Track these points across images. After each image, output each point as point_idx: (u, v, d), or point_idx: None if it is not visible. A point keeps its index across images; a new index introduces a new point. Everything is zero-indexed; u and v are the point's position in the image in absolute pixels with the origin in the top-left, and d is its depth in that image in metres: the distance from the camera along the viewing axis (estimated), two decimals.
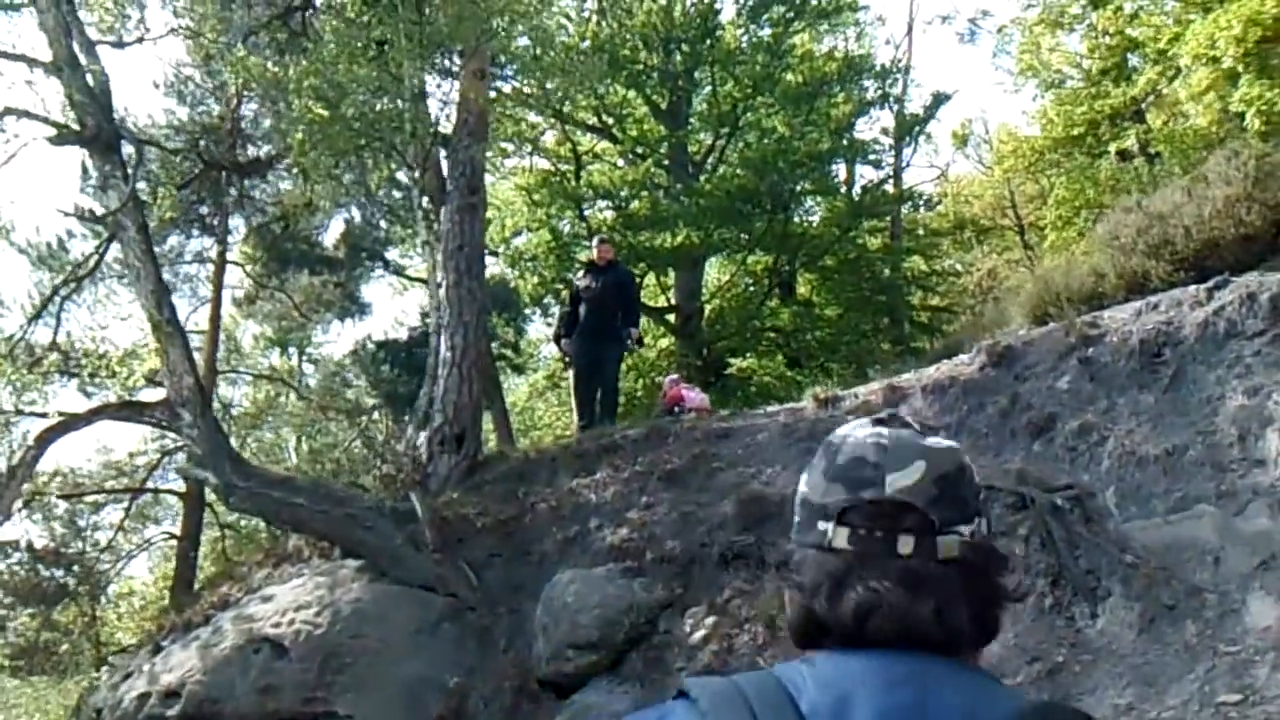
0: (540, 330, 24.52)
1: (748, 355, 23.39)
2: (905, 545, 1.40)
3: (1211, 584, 7.38)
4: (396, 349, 20.34)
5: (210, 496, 17.50)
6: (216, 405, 14.79)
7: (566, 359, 13.57)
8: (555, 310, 21.02)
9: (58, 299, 14.72)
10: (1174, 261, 10.41)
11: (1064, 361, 9.56)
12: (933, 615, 1.38)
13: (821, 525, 1.45)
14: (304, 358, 23.76)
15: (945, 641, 1.39)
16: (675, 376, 14.42)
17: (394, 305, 30.42)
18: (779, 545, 9.17)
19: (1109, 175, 20.78)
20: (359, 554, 10.61)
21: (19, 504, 13.64)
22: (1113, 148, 21.66)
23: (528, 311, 22.86)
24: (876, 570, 1.39)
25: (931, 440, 1.48)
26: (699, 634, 9.02)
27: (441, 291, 11.76)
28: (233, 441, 14.54)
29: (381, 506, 11.03)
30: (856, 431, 1.50)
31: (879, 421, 1.52)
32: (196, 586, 14.90)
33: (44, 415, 13.25)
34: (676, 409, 12.75)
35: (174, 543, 19.51)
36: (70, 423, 12.57)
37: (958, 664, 1.40)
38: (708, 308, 22.95)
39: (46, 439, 12.34)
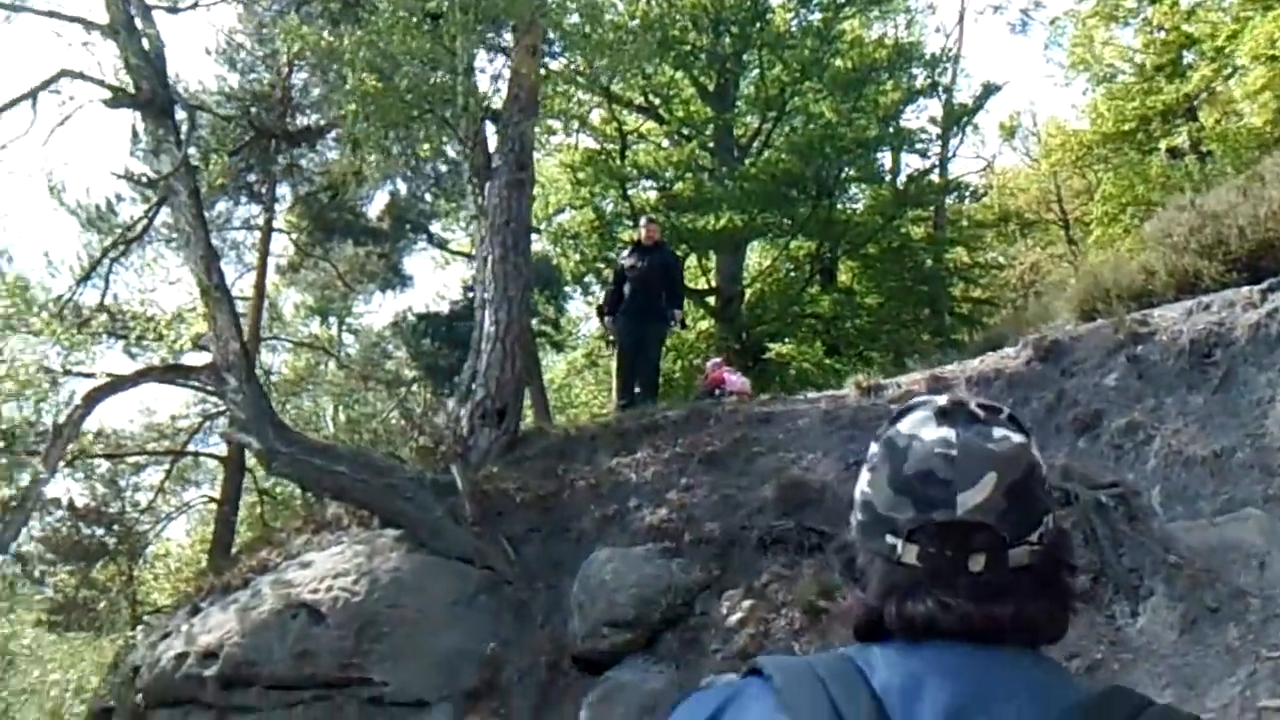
0: (580, 308, 24.57)
1: (787, 341, 23.32)
2: (976, 563, 1.39)
3: (1256, 588, 7.33)
4: (437, 322, 20.41)
5: (250, 462, 17.70)
6: (258, 371, 14.86)
7: (610, 338, 13.59)
8: (596, 289, 21.07)
9: (106, 261, 14.86)
10: (1227, 262, 10.28)
11: (1112, 358, 9.50)
12: (1007, 619, 1.38)
13: (890, 539, 1.43)
14: (344, 328, 23.90)
15: (1016, 641, 1.40)
16: (718, 360, 14.41)
17: (436, 278, 30.34)
18: (819, 531, 9.20)
19: (1159, 172, 20.60)
20: (398, 524, 10.68)
21: (63, 462, 13.78)
22: (1163, 144, 21.47)
23: (569, 289, 22.86)
24: (947, 585, 1.39)
25: (1000, 442, 1.45)
26: (735, 617, 9.03)
27: (487, 266, 11.79)
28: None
29: (421, 478, 11.11)
30: (922, 433, 1.46)
31: (943, 415, 1.47)
32: (234, 551, 15.04)
33: (91, 376, 13.37)
34: (717, 392, 12.75)
35: (213, 506, 19.71)
36: (117, 383, 12.71)
37: (1028, 653, 1.41)
38: (748, 292, 22.88)
39: (93, 399, 12.49)
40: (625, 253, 13.79)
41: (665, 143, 23.06)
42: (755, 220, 20.46)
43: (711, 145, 22.25)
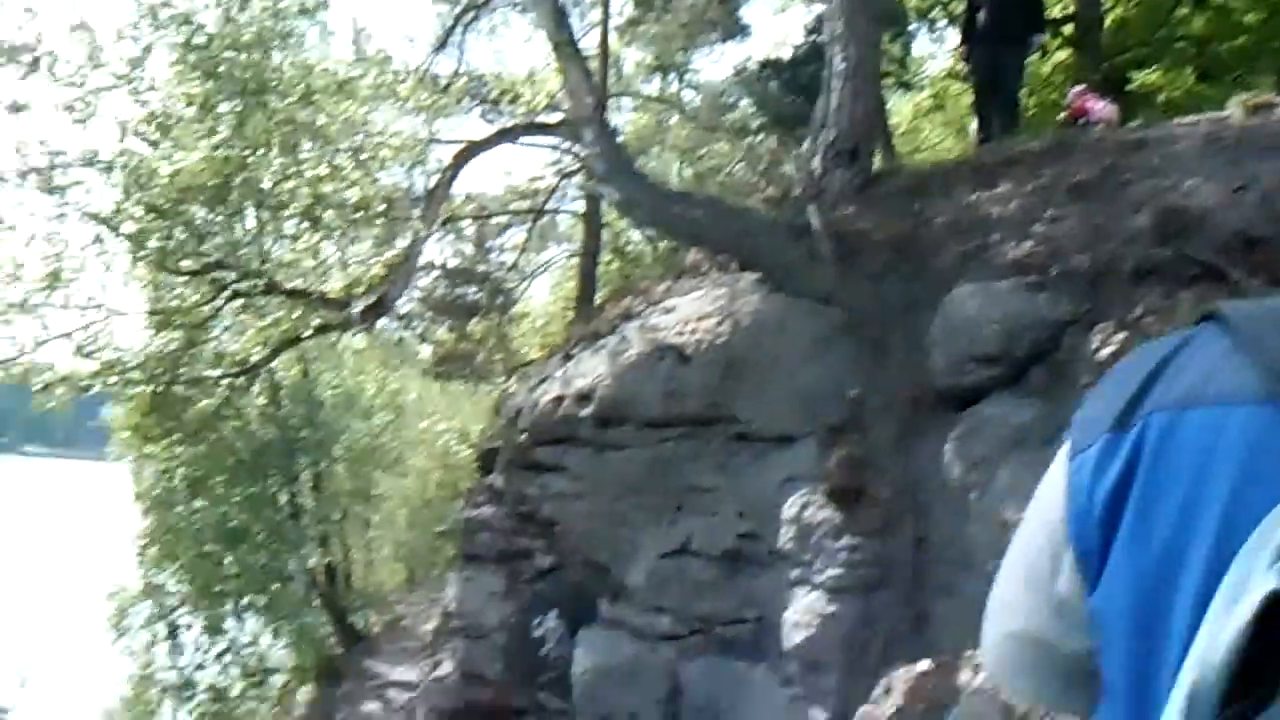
0: (925, 46, 23.49)
1: (1153, 68, 21.53)
2: None
3: None
4: (780, 68, 20.03)
5: (608, 216, 18.26)
6: None
7: (966, 74, 12.98)
8: (942, 24, 20.05)
9: (459, 28, 15.36)
10: None
11: None
12: None
13: None
14: (685, 83, 23.87)
15: None
16: (1080, 87, 13.50)
17: (774, 25, 29.73)
18: (1199, 261, 8.65)
19: None
20: (756, 267, 10.80)
21: (436, 225, 14.65)
22: None
23: (913, 26, 21.83)
24: None
25: None
26: (1107, 350, 8.68)
27: (835, 0, 11.40)
28: None
29: (775, 222, 11.14)
30: None
31: None
32: (597, 301, 15.72)
33: (453, 142, 14.01)
34: (1081, 121, 12.01)
35: (574, 261, 20.61)
36: (480, 145, 13.30)
37: None
38: (1109, 17, 21.16)
39: (460, 161, 13.14)
40: None
41: None
42: None
43: None
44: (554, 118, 14.10)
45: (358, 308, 12.31)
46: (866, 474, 9.36)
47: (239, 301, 12.67)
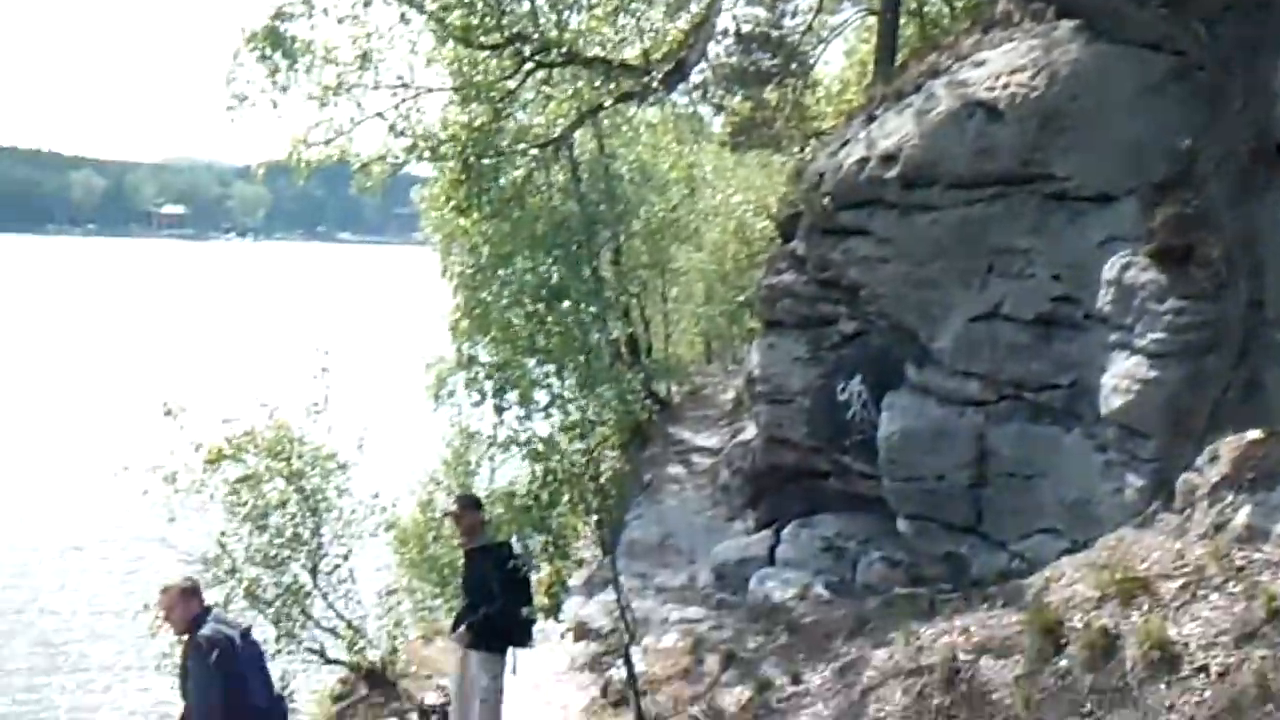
0: None
1: None
2: None
3: None
4: None
5: None
6: None
7: None
8: None
9: None
10: None
11: None
12: None
13: None
14: None
15: None
16: None
17: None
18: None
19: None
20: (1075, 13, 10.08)
21: None
22: None
23: None
24: None
25: None
26: None
27: None
28: None
29: None
30: None
31: None
32: (899, 61, 15.09)
33: None
34: None
35: (869, 22, 19.84)
36: None
37: None
38: None
39: None
40: None
41: None
42: None
43: None
44: None
45: (657, 74, 12.25)
46: (1196, 232, 8.77)
47: (540, 74, 12.83)
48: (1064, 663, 6.10)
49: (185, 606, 7.33)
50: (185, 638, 7.36)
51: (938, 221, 10.59)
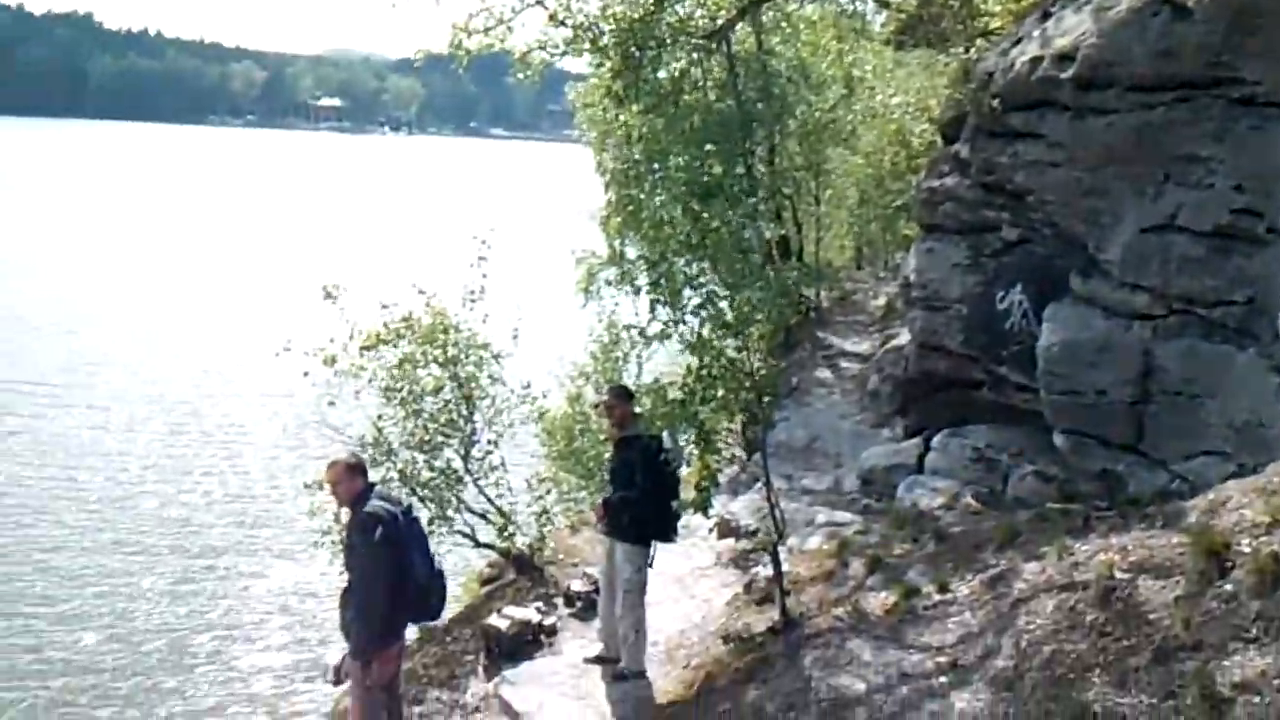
0: None
1: None
2: None
3: None
4: None
5: None
6: None
7: None
8: None
9: None
10: None
11: None
12: None
13: None
14: None
15: None
16: None
17: None
18: None
19: None
20: None
21: None
22: None
23: None
24: None
25: None
26: None
27: None
28: None
29: None
30: None
31: None
32: None
33: None
34: None
35: None
36: None
37: None
38: None
39: None
40: None
41: None
42: None
43: None
44: None
45: None
46: None
47: None
48: (1229, 587, 5.88)
49: (350, 481, 7.57)
50: (349, 513, 7.60)
51: (1114, 125, 10.11)
